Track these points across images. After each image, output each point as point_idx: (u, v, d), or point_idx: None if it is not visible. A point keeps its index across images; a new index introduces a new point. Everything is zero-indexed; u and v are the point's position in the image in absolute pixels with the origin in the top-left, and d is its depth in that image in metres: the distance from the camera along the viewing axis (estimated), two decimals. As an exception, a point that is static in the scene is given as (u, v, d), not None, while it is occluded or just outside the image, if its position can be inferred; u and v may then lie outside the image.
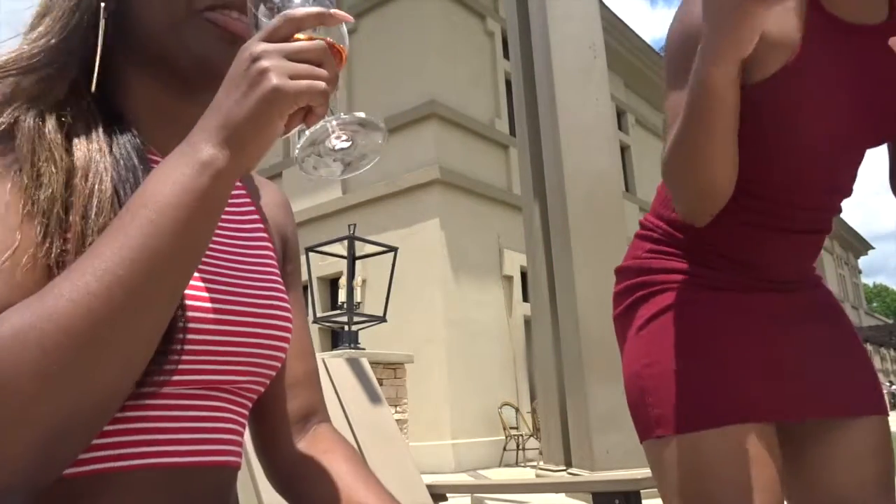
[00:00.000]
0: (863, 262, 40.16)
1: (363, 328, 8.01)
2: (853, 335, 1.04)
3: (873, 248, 39.81)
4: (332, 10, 0.50)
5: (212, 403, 0.59)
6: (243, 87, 0.47)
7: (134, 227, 0.44)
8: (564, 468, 4.92)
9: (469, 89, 11.01)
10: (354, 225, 8.11)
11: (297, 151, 0.50)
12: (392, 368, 7.67)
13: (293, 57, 0.48)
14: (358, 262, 7.99)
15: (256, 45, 0.48)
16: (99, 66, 0.57)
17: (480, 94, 11.30)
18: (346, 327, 7.62)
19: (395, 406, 7.31)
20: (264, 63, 0.47)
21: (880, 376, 34.41)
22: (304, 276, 8.15)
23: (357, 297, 7.67)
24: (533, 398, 9.67)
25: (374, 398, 2.13)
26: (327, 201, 10.99)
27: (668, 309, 0.97)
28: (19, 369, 0.39)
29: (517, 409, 9.93)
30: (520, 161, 5.77)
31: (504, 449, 9.49)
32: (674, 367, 0.93)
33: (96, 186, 0.53)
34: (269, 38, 0.48)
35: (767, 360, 0.94)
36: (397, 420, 4.01)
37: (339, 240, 7.87)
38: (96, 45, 0.58)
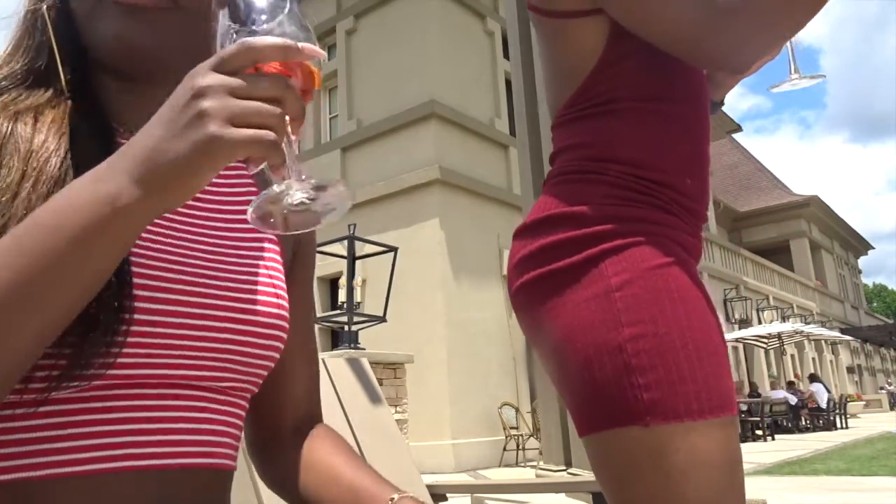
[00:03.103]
0: (863, 262, 40.16)
1: (363, 328, 8.00)
2: None
3: (873, 248, 39.81)
4: (302, 45, 0.43)
5: (189, 403, 0.57)
6: (179, 126, 0.42)
7: (21, 230, 0.44)
8: (564, 468, 4.92)
9: (469, 89, 11.01)
10: (354, 225, 8.10)
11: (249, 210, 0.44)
12: (392, 368, 7.67)
13: (242, 94, 0.41)
14: (358, 262, 7.99)
15: (203, 76, 0.42)
16: (66, 69, 0.60)
17: (480, 94, 11.30)
18: (346, 327, 7.62)
19: (395, 406, 7.30)
20: (204, 104, 0.41)
21: (880, 376, 34.46)
22: (304, 276, 8.09)
23: (357, 297, 7.67)
24: (533, 398, 9.67)
25: (374, 398, 2.13)
26: (327, 201, 10.96)
27: (654, 270, 0.85)
28: None
29: (517, 409, 9.93)
30: (520, 161, 5.75)
31: (504, 449, 9.49)
32: (677, 342, 0.81)
33: (43, 169, 0.54)
34: (221, 68, 0.42)
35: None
36: (397, 420, 4.00)
37: (339, 240, 7.87)
38: (55, 51, 0.61)
